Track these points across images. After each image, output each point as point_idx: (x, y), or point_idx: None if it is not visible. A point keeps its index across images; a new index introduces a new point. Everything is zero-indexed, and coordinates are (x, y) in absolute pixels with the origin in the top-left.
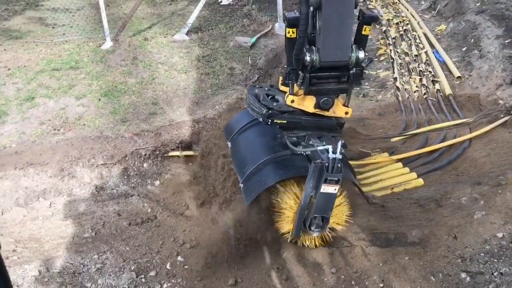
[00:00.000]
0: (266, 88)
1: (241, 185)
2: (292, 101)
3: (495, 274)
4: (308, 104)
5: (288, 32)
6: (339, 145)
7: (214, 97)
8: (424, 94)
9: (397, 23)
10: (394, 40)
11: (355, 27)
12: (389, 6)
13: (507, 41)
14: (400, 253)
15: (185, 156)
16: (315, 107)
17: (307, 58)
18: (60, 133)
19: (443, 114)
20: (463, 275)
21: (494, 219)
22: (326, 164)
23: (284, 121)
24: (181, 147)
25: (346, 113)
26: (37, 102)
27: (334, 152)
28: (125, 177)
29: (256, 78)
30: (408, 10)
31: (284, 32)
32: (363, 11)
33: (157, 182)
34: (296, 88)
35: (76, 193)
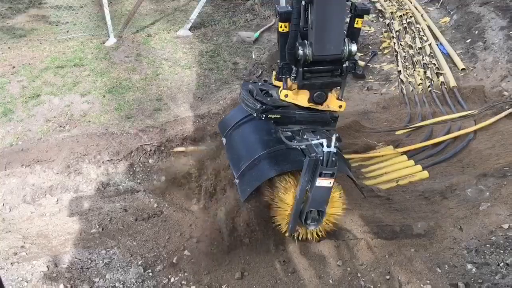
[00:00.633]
0: (260, 83)
1: (237, 181)
2: (286, 96)
3: (501, 265)
4: (302, 98)
5: (281, 27)
6: (334, 139)
7: (218, 92)
8: (429, 87)
9: (401, 16)
10: (398, 33)
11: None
12: None
13: (511, 33)
14: (406, 245)
15: (191, 151)
16: (309, 101)
17: (300, 52)
18: (66, 130)
19: (448, 107)
20: (469, 266)
21: (500, 210)
22: (321, 158)
23: (279, 116)
24: (186, 143)
25: (340, 107)
26: (42, 100)
27: (329, 146)
28: (131, 173)
29: (260, 73)
30: (412, 3)
31: (277, 27)
32: (355, 4)
33: (163, 178)
34: (290, 83)
35: (83, 190)
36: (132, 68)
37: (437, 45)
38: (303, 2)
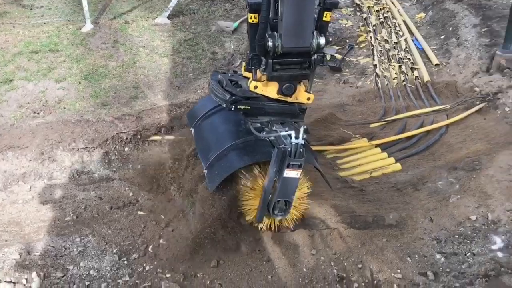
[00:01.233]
0: (229, 74)
1: (205, 171)
2: (255, 87)
3: (468, 255)
4: (271, 90)
5: (250, 18)
6: (302, 131)
7: (196, 82)
8: (403, 81)
9: (378, 11)
10: (375, 27)
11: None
12: None
13: (484, 30)
14: (378, 235)
15: (167, 140)
16: (278, 93)
17: (269, 44)
18: (40, 116)
19: (421, 101)
20: (438, 256)
21: (468, 202)
22: (289, 149)
23: (248, 107)
24: (163, 131)
25: (308, 99)
26: (16, 85)
27: (297, 138)
28: (106, 161)
29: (239, 63)
30: None
31: (246, 17)
32: None
33: (139, 166)
34: (259, 74)
35: (57, 177)
36: (109, 55)
37: (413, 40)
38: None
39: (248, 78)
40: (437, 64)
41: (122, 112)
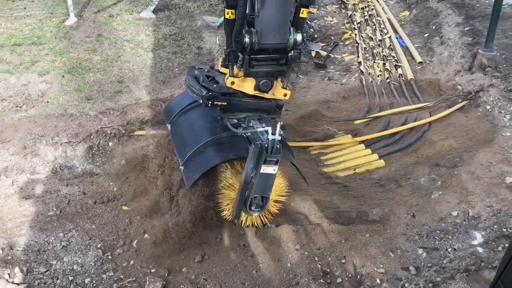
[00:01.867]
0: (206, 70)
1: (182, 168)
2: (232, 83)
3: (449, 250)
4: (248, 86)
5: (227, 13)
6: (278, 127)
7: (182, 77)
8: (387, 79)
9: (363, 8)
10: (359, 25)
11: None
12: None
13: (466, 29)
14: (361, 231)
15: (151, 135)
16: (255, 89)
17: (246, 40)
18: (23, 110)
19: (405, 98)
20: (420, 251)
21: (450, 199)
22: (266, 145)
23: (225, 103)
24: (147, 126)
25: (285, 95)
26: None
27: (274, 134)
28: (90, 156)
29: None
30: None
31: (223, 13)
32: None
33: (123, 161)
34: (236, 70)
35: (40, 171)
36: (93, 49)
37: (397, 38)
38: None
39: (225, 74)
40: (421, 62)
41: (107, 107)
